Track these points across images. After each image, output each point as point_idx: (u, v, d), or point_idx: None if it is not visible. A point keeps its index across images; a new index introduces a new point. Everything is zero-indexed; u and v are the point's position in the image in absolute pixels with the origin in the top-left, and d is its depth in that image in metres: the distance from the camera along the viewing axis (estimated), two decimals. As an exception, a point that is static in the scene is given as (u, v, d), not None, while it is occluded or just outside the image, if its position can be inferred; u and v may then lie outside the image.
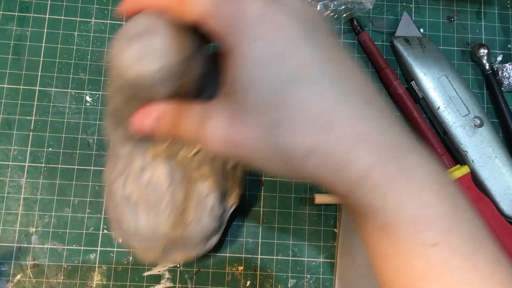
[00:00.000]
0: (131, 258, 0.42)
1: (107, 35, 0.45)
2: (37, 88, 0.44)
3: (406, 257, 0.22)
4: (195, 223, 0.36)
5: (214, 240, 0.39)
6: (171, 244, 0.37)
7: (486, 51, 0.46)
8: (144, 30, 0.27)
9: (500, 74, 0.46)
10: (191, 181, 0.36)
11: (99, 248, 0.42)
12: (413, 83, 0.44)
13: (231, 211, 0.39)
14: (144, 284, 0.41)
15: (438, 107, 0.43)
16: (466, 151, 0.43)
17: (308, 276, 0.42)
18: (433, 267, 0.21)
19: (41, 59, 0.44)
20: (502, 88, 0.46)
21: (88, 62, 0.44)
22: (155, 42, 0.27)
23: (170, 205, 0.35)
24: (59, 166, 0.43)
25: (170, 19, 0.27)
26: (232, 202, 0.39)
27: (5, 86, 0.43)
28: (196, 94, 0.29)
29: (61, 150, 0.43)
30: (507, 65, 0.46)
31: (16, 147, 0.42)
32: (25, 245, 0.41)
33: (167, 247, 0.37)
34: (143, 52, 0.27)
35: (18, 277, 0.40)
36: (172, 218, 0.35)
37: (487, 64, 0.46)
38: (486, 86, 0.47)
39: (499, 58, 0.47)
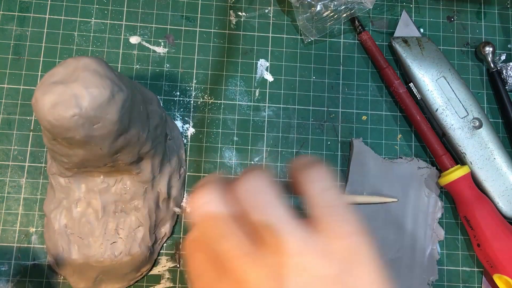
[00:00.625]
0: (131, 258, 0.42)
1: (107, 35, 0.45)
2: (37, 88, 0.44)
3: None
4: (126, 254, 0.38)
5: (145, 269, 0.41)
6: (103, 273, 0.39)
7: (491, 49, 0.46)
8: (63, 78, 0.30)
9: (504, 73, 0.46)
10: (123, 213, 0.39)
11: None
12: (411, 85, 0.44)
13: (164, 240, 0.41)
14: (144, 284, 0.41)
15: (437, 109, 0.43)
16: (465, 153, 0.43)
17: (308, 276, 0.42)
18: None
19: (41, 59, 0.44)
20: (507, 87, 0.46)
21: (88, 62, 0.44)
22: (71, 90, 0.29)
23: (101, 236, 0.38)
24: (59, 166, 0.43)
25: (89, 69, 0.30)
26: (164, 232, 0.41)
27: (5, 86, 0.43)
28: (115, 136, 0.32)
29: (61, 150, 0.43)
30: (511, 64, 0.46)
31: (16, 147, 0.42)
32: (25, 245, 0.41)
33: (99, 277, 0.39)
34: (60, 99, 0.29)
35: (18, 277, 0.41)
36: (103, 249, 0.38)
37: (492, 63, 0.46)
38: (491, 85, 0.47)
39: (503, 57, 0.47)
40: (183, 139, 0.44)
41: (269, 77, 0.46)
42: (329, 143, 0.45)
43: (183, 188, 0.42)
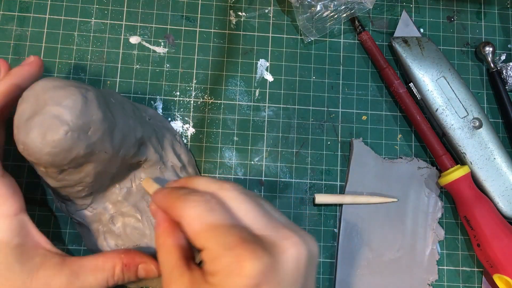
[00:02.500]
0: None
1: (107, 35, 0.45)
2: (37, 88, 0.44)
3: None
4: None
5: None
6: None
7: (491, 49, 0.46)
8: (33, 110, 0.29)
9: (504, 73, 0.46)
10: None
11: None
12: (411, 85, 0.44)
13: None
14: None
15: (437, 109, 0.43)
16: (465, 153, 0.43)
17: (308, 276, 0.42)
18: None
19: (41, 59, 0.44)
20: (507, 87, 0.46)
21: (88, 62, 0.44)
22: (48, 114, 0.29)
23: (152, 231, 0.37)
24: (59, 166, 0.43)
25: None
26: None
27: (5, 86, 0.43)
28: (110, 132, 0.32)
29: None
30: (511, 64, 0.46)
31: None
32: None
33: None
34: (44, 127, 0.29)
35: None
36: None
37: (492, 63, 0.46)
38: (491, 85, 0.47)
39: (503, 57, 0.47)
40: (183, 139, 0.44)
41: (269, 77, 0.46)
42: (329, 143, 0.45)
43: (189, 151, 0.42)
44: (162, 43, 0.45)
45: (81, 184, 0.34)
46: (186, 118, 0.44)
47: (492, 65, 0.46)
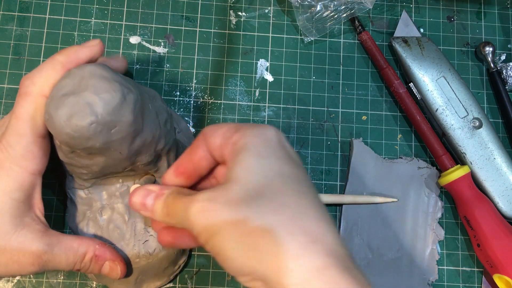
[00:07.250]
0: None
1: (107, 35, 0.45)
2: (37, 88, 0.44)
3: None
4: (159, 249, 0.38)
5: (182, 261, 0.41)
6: (141, 274, 0.38)
7: (491, 49, 0.46)
8: (72, 89, 0.30)
9: (504, 73, 0.46)
10: None
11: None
12: (411, 85, 0.44)
13: None
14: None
15: (437, 109, 0.43)
16: (465, 153, 0.43)
17: (308, 276, 0.42)
18: None
19: (41, 59, 0.44)
20: (507, 87, 0.46)
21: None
22: (83, 99, 0.29)
23: (132, 238, 0.37)
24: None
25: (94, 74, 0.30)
26: None
27: (5, 86, 0.43)
28: (132, 137, 0.32)
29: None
30: (511, 64, 0.46)
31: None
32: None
33: (139, 278, 0.39)
34: (74, 110, 0.29)
35: (18, 277, 0.41)
36: (137, 250, 0.37)
37: (492, 63, 0.46)
38: (491, 85, 0.47)
39: (503, 57, 0.47)
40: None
41: (269, 77, 0.46)
42: (329, 143, 0.45)
43: None
44: (162, 43, 0.45)
45: (87, 169, 0.34)
46: (186, 118, 0.44)
47: (492, 65, 0.46)
